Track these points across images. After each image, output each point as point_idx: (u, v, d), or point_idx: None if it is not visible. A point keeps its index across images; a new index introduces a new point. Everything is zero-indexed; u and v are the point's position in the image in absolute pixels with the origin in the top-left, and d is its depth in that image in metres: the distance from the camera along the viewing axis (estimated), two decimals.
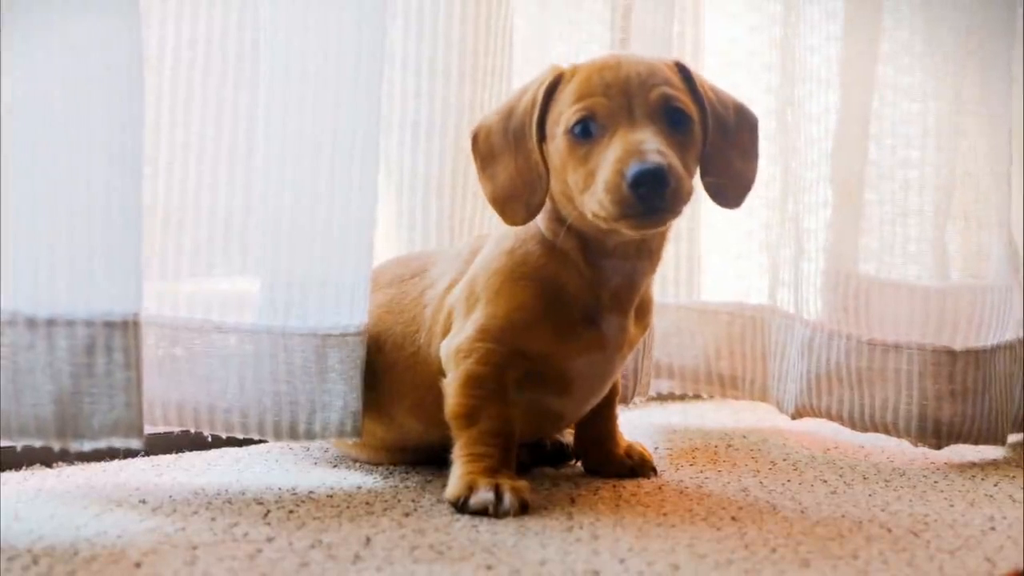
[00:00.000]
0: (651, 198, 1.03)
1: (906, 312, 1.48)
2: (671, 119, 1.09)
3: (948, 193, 1.50)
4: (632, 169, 1.03)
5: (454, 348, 1.15)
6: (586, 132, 1.09)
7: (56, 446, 1.04)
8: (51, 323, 1.03)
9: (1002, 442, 1.47)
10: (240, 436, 1.21)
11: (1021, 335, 1.50)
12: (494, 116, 1.18)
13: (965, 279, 1.52)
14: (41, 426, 1.03)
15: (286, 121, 1.18)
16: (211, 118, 1.22)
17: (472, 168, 1.41)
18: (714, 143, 1.15)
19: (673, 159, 1.05)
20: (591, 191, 1.07)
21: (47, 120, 1.03)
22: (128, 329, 1.05)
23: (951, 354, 1.43)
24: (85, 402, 1.04)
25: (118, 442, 1.05)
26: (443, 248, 1.37)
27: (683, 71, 1.15)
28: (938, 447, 1.44)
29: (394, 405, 1.23)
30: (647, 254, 1.16)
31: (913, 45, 1.50)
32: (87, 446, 1.04)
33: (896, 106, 1.50)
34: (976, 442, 1.44)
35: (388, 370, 1.23)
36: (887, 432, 1.46)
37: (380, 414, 1.23)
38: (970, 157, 1.51)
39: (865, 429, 1.47)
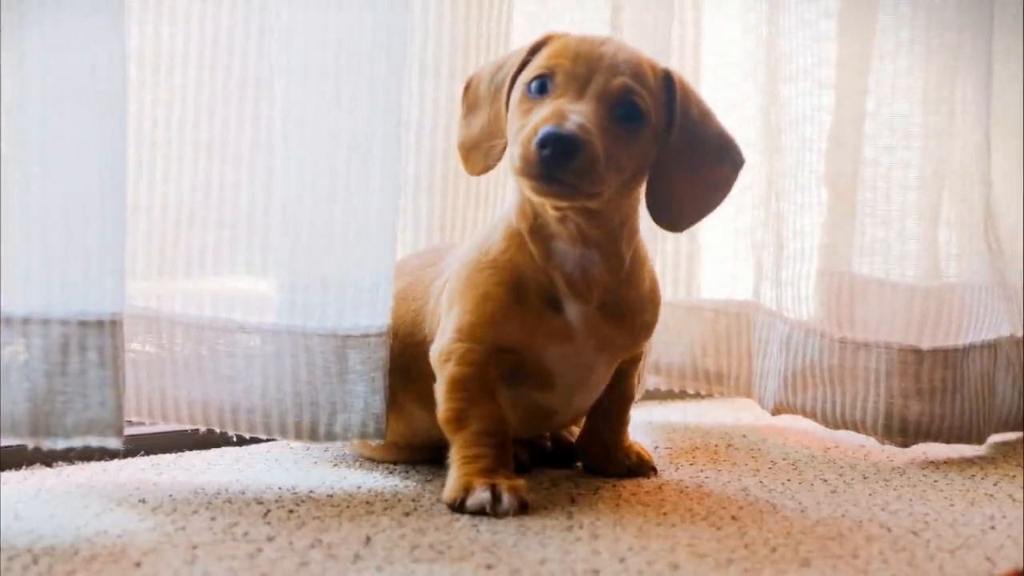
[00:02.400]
0: (553, 164, 1.03)
1: (876, 310, 1.49)
2: (623, 111, 1.09)
3: (938, 193, 1.51)
4: (544, 130, 1.03)
5: (437, 352, 1.16)
6: (541, 89, 1.10)
7: (30, 444, 1.04)
8: (26, 322, 1.03)
9: (978, 442, 1.47)
10: (263, 436, 1.22)
11: (998, 335, 1.50)
12: (487, 67, 1.20)
13: (940, 278, 1.52)
14: (15, 424, 1.03)
15: (305, 120, 1.19)
16: (232, 117, 1.22)
17: (462, 170, 1.41)
18: (675, 161, 1.13)
19: (595, 139, 1.04)
20: (515, 143, 1.07)
21: (26, 119, 1.03)
22: (104, 328, 1.05)
23: (917, 353, 1.44)
24: (59, 401, 1.03)
25: (94, 441, 1.05)
26: (461, 242, 1.37)
27: (667, 81, 1.14)
28: (904, 445, 1.45)
29: (403, 393, 1.23)
30: (592, 244, 1.14)
31: (909, 45, 1.50)
32: (61, 444, 1.04)
33: (890, 105, 1.50)
34: (948, 441, 1.45)
35: (399, 358, 1.23)
36: (856, 430, 1.47)
37: (393, 404, 1.23)
38: (957, 157, 1.51)
39: (836, 426, 1.48)
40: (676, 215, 1.17)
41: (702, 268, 1.71)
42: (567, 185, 1.05)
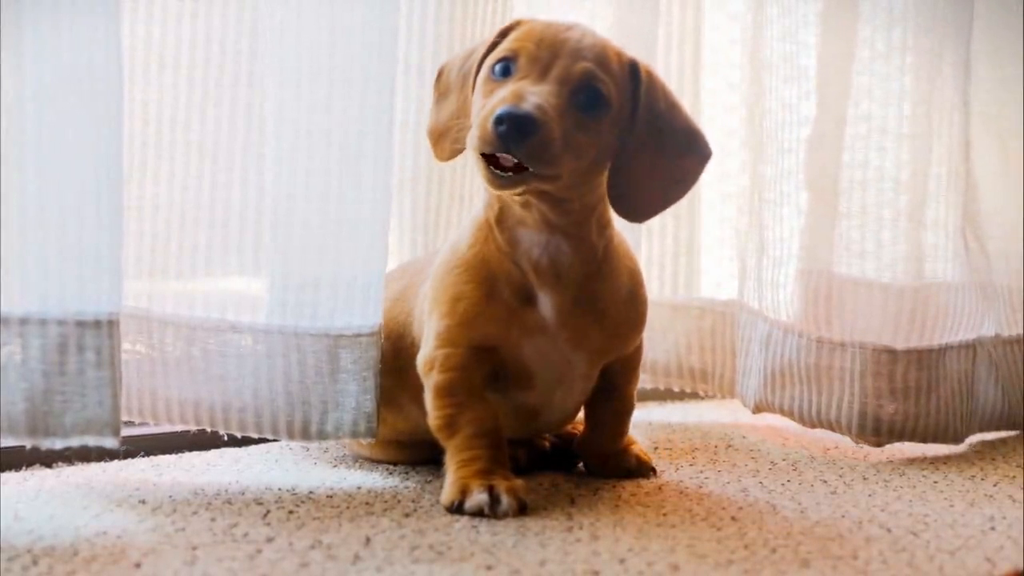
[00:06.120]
0: (508, 141, 1.02)
1: (853, 311, 1.49)
2: (584, 96, 1.08)
3: (918, 194, 1.51)
4: (501, 108, 1.03)
5: (422, 361, 1.16)
6: (504, 72, 1.10)
7: (28, 444, 1.04)
8: (24, 322, 1.03)
9: (955, 441, 1.48)
10: (255, 435, 1.22)
11: (979, 335, 1.51)
12: (459, 55, 1.20)
13: (919, 279, 1.52)
14: (13, 424, 1.03)
15: (297, 120, 1.19)
16: (224, 117, 1.22)
17: (449, 167, 1.41)
18: (639, 150, 1.12)
19: (552, 121, 1.04)
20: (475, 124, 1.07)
21: (23, 120, 1.03)
22: (101, 328, 1.05)
23: (892, 353, 1.44)
24: (56, 400, 1.04)
25: (92, 440, 1.05)
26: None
27: (633, 70, 1.13)
28: (878, 444, 1.46)
29: (401, 393, 1.24)
30: (560, 231, 1.13)
31: (888, 50, 1.50)
32: (59, 444, 1.04)
33: (870, 108, 1.50)
34: (923, 440, 1.46)
35: (395, 358, 1.23)
36: (831, 429, 1.47)
37: (390, 403, 1.24)
38: (935, 158, 1.52)
39: (813, 425, 1.49)
40: (636, 205, 1.16)
41: (700, 267, 1.71)
42: (520, 168, 1.04)
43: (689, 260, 1.69)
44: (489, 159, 1.05)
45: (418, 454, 1.29)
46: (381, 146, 1.20)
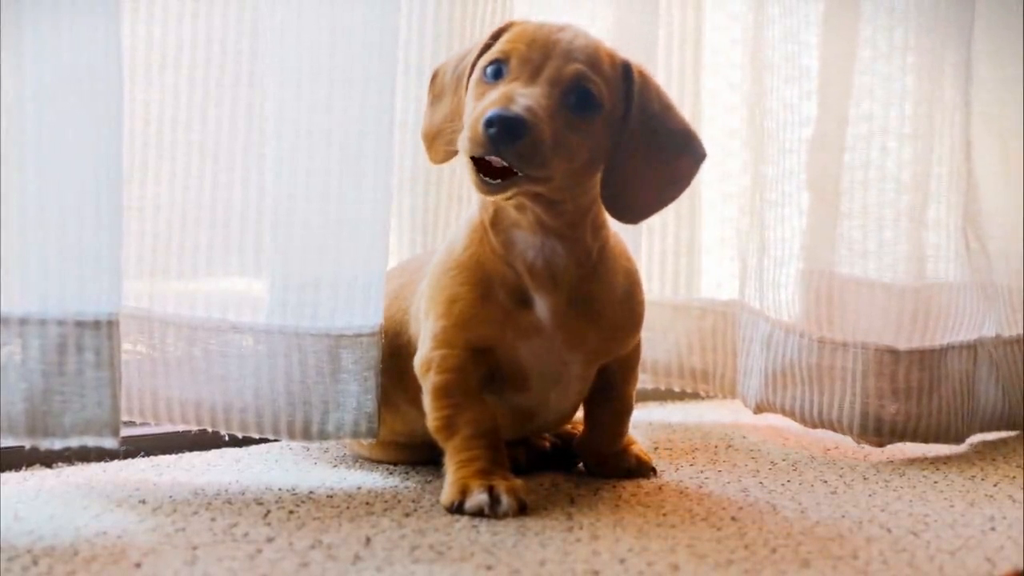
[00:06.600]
0: (498, 144, 1.02)
1: (855, 311, 1.49)
2: (575, 98, 1.08)
3: (919, 194, 1.51)
4: (492, 111, 1.02)
5: (419, 362, 1.16)
6: (496, 74, 1.09)
7: (27, 444, 1.04)
8: (24, 322, 1.03)
9: (956, 441, 1.49)
10: (256, 436, 1.22)
11: (980, 335, 1.52)
12: (454, 57, 1.19)
13: (921, 279, 1.52)
14: (12, 424, 1.03)
15: (298, 120, 1.19)
16: (225, 117, 1.22)
17: (449, 167, 1.41)
18: (632, 151, 1.12)
19: (542, 122, 1.03)
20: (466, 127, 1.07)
21: (23, 120, 1.03)
22: (101, 329, 1.05)
23: (894, 353, 1.45)
24: (56, 401, 1.04)
25: (91, 441, 1.05)
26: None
27: (626, 71, 1.13)
28: (880, 445, 1.46)
29: (397, 393, 1.24)
30: (554, 233, 1.13)
31: (890, 50, 1.50)
32: (58, 444, 1.05)
33: (872, 108, 1.50)
34: (925, 440, 1.46)
35: (392, 357, 1.23)
36: (833, 429, 1.48)
37: (387, 403, 1.24)
38: (936, 158, 1.52)
39: (814, 425, 1.49)
40: (629, 206, 1.15)
41: (701, 267, 1.71)
42: (510, 170, 1.03)
43: (690, 260, 1.69)
44: (480, 162, 1.05)
45: (418, 454, 1.29)
46: (381, 146, 1.20)
